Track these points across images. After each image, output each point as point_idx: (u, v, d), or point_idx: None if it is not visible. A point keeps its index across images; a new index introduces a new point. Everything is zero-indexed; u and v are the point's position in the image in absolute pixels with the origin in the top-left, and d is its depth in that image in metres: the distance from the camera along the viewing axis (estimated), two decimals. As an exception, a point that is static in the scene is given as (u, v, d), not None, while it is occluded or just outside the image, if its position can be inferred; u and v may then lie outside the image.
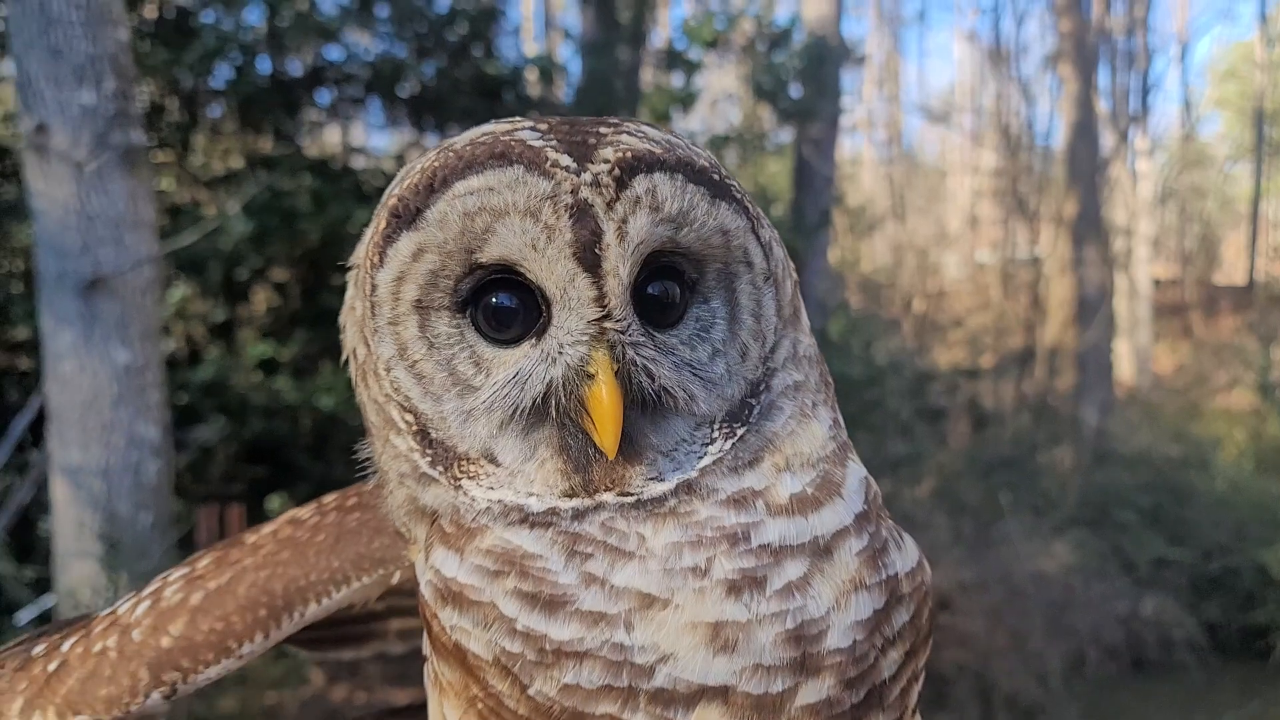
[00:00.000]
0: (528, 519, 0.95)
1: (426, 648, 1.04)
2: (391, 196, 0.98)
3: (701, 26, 10.52)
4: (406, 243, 0.95)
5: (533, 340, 0.96)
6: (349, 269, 1.05)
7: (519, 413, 0.96)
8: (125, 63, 5.85)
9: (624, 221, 0.91)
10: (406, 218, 0.95)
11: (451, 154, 0.96)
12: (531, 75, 10.22)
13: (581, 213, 0.90)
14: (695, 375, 0.98)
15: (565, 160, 0.92)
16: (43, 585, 6.20)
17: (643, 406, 0.96)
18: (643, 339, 0.95)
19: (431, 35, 9.38)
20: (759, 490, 0.96)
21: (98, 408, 5.73)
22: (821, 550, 0.94)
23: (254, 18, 8.95)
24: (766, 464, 0.98)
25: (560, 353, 0.94)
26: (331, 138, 10.42)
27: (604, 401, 0.92)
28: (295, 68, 9.49)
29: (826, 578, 0.93)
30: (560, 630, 0.91)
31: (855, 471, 1.02)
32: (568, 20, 15.84)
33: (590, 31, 11.10)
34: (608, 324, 0.93)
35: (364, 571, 1.14)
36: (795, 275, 1.09)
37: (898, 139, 22.76)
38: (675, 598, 0.90)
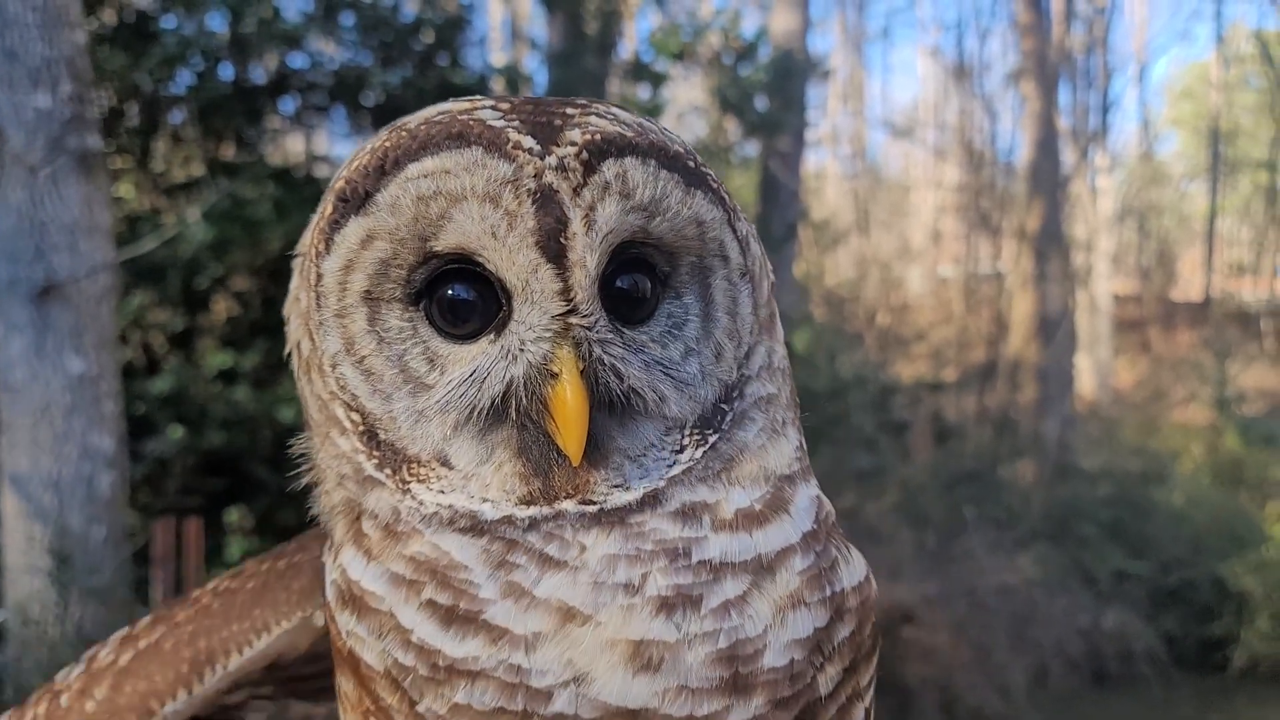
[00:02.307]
0: (468, 527, 0.88)
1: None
2: (339, 179, 0.93)
3: (668, 38, 10.55)
4: (355, 229, 0.90)
5: (491, 336, 0.90)
6: (294, 257, 0.99)
7: (476, 413, 0.90)
8: (82, 66, 5.74)
9: (591, 209, 0.86)
10: (355, 202, 0.89)
11: (404, 134, 0.90)
12: (498, 85, 10.18)
13: (545, 199, 0.85)
14: (666, 375, 0.93)
15: (528, 142, 0.86)
16: (-9, 600, 6.04)
17: (610, 408, 0.90)
18: (610, 335, 0.90)
19: (397, 44, 9.31)
20: (710, 504, 0.90)
21: (50, 418, 5.60)
22: (764, 568, 0.89)
23: (216, 24, 8.85)
24: (732, 476, 0.93)
25: (521, 349, 0.88)
26: (295, 146, 10.31)
27: (568, 403, 0.86)
28: (258, 75, 9.38)
29: (765, 595, 0.88)
30: (456, 647, 0.85)
31: (806, 491, 0.97)
32: (535, 31, 15.82)
33: (557, 42, 11.10)
34: (573, 319, 0.87)
35: (283, 616, 1.07)
36: (773, 277, 1.04)
37: (862, 154, 22.90)
38: (599, 614, 0.84)
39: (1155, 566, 11.15)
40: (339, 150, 11.58)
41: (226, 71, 9.17)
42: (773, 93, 11.35)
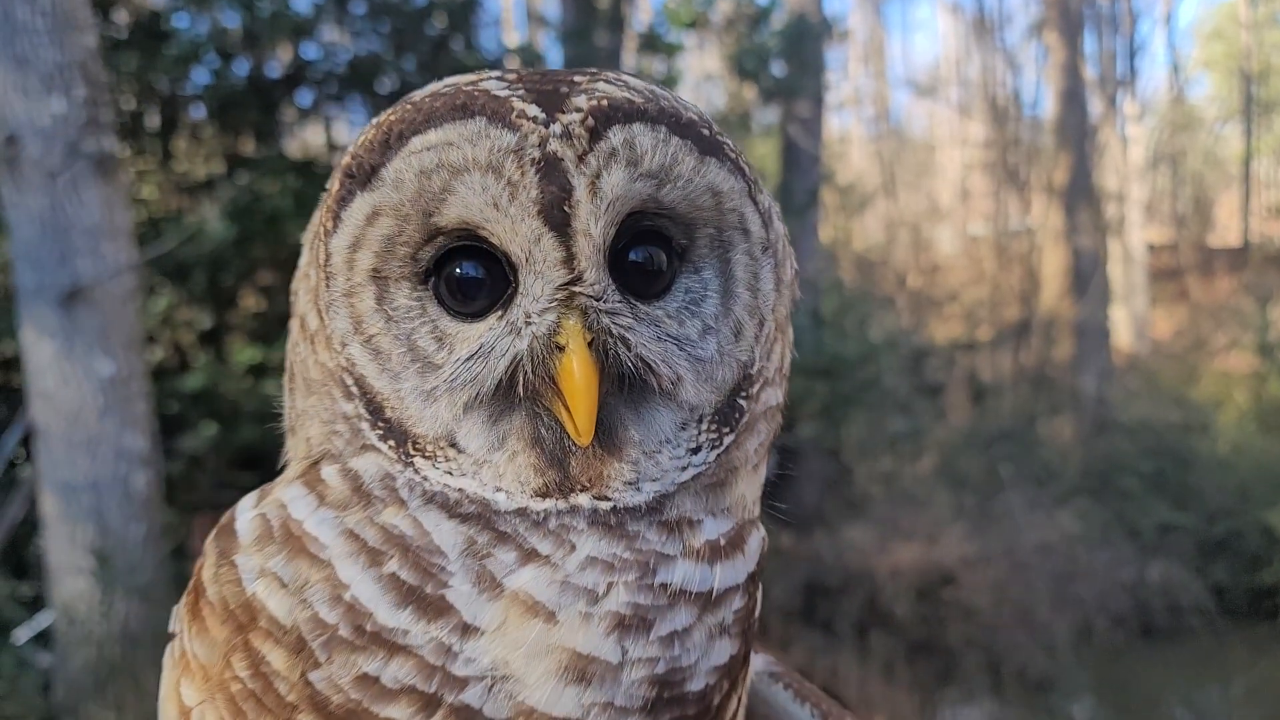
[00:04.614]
0: (471, 514, 0.86)
1: (176, 622, 0.96)
2: (346, 155, 0.91)
3: (681, 8, 10.44)
4: (361, 205, 0.88)
5: (499, 313, 0.88)
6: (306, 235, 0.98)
7: (483, 393, 0.87)
8: (95, 69, 5.77)
9: (597, 176, 0.84)
10: (360, 178, 0.88)
11: (410, 107, 0.88)
12: (512, 65, 10.13)
13: (549, 167, 0.83)
14: (682, 351, 0.90)
15: (533, 110, 0.84)
16: (38, 603, 6.15)
17: (621, 384, 0.87)
18: (620, 305, 0.87)
19: (409, 30, 9.28)
20: (693, 523, 0.90)
21: (83, 420, 5.67)
22: (711, 602, 0.88)
23: (228, 19, 8.86)
24: (720, 492, 0.93)
25: (527, 323, 0.86)
26: (314, 138, 10.33)
27: (575, 374, 0.83)
28: (273, 68, 9.40)
29: (704, 625, 0.87)
30: (391, 615, 0.82)
31: (759, 532, 0.97)
32: (547, 8, 15.73)
33: (569, 18, 11.01)
34: (578, 288, 0.85)
35: None
36: (796, 265, 1.00)
37: (885, 115, 22.65)
38: (560, 614, 0.83)
39: (1200, 517, 11.00)
40: (358, 140, 11.60)
41: (241, 67, 9.20)
42: (789, 57, 11.21)
